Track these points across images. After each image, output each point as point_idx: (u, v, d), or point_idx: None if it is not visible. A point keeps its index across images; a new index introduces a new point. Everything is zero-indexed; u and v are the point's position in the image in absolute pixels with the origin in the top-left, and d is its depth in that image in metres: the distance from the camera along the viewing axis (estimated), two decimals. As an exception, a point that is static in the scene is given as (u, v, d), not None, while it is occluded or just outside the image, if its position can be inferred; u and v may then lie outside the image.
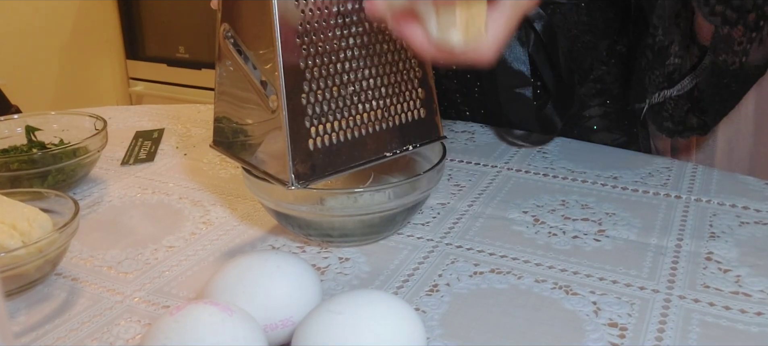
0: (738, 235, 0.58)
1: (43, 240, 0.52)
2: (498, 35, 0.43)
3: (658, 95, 0.70)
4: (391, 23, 0.45)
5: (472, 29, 0.42)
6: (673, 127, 0.70)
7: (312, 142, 0.52)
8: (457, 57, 0.43)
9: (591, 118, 0.79)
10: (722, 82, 0.66)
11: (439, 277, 0.54)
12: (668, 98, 0.69)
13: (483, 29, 0.42)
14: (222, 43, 0.55)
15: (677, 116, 0.70)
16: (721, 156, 0.76)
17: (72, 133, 0.76)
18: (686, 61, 0.68)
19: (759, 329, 0.47)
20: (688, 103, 0.69)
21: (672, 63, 0.69)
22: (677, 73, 0.69)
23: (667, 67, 0.69)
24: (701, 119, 0.70)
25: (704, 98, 0.68)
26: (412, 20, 0.43)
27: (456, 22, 0.41)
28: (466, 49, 0.42)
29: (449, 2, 0.41)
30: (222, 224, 0.64)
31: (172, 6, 2.37)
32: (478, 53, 0.43)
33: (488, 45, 0.43)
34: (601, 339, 0.46)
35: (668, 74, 0.69)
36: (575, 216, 0.63)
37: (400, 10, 0.44)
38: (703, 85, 0.67)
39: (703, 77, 0.67)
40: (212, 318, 0.40)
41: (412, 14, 0.43)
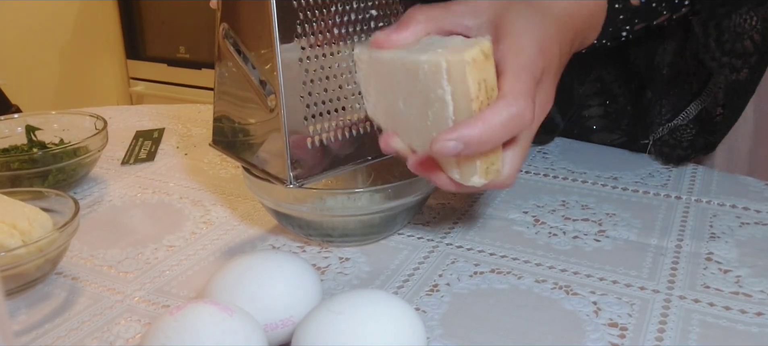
0: (738, 235, 0.58)
1: (43, 239, 0.52)
2: (514, 168, 0.47)
3: (662, 129, 0.70)
4: (410, 163, 0.48)
5: (491, 171, 0.45)
6: (681, 153, 0.71)
7: (310, 141, 0.52)
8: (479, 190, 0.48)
9: (591, 118, 0.79)
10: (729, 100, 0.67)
11: (439, 277, 0.54)
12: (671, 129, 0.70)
13: (501, 168, 0.46)
14: (221, 42, 0.55)
15: (685, 142, 0.70)
16: (721, 157, 0.76)
17: (72, 132, 0.76)
18: (692, 87, 0.69)
19: (759, 329, 0.47)
20: (697, 127, 0.69)
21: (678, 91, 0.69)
22: (683, 100, 0.69)
23: (672, 96, 0.69)
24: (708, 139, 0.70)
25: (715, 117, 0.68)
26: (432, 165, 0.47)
27: (477, 171, 0.45)
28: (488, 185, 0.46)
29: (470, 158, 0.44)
30: (222, 224, 0.64)
31: (172, 6, 2.38)
32: (499, 186, 0.47)
33: (507, 178, 0.47)
34: (601, 339, 0.46)
35: (674, 104, 0.70)
36: (575, 216, 0.63)
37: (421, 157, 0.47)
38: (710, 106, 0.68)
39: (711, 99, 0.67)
40: (212, 318, 0.40)
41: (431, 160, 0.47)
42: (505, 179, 0.46)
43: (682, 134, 0.70)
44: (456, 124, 0.43)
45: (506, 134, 0.43)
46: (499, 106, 0.42)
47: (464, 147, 0.42)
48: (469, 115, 0.42)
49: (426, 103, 0.44)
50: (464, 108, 0.42)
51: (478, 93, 0.42)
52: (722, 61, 0.64)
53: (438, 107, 0.44)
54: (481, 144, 0.42)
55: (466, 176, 0.45)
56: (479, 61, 0.42)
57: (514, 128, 0.43)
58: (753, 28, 0.63)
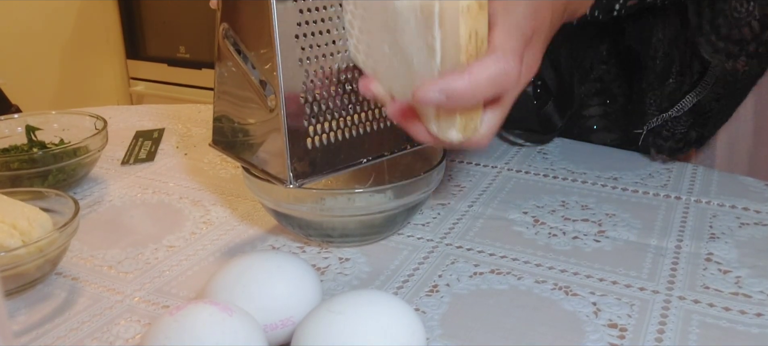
0: (738, 236, 0.58)
1: (43, 239, 0.52)
2: (492, 129, 0.46)
3: (656, 119, 0.70)
4: (389, 110, 0.47)
5: (469, 128, 0.44)
6: (674, 145, 0.71)
7: (310, 141, 0.52)
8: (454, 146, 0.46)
9: (591, 118, 0.79)
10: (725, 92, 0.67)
11: (439, 277, 0.54)
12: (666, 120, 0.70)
13: (478, 126, 0.45)
14: (221, 42, 0.55)
15: (678, 134, 0.70)
16: (721, 157, 0.76)
17: (72, 132, 0.76)
18: (687, 79, 0.69)
19: (759, 330, 0.47)
20: (691, 119, 0.69)
21: (672, 83, 0.69)
22: (678, 92, 0.69)
23: (667, 87, 0.69)
24: (700, 132, 0.70)
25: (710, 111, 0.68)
26: (411, 114, 0.46)
27: (456, 125, 0.44)
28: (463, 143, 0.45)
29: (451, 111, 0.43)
30: (222, 224, 0.64)
31: (172, 6, 2.37)
32: (473, 145, 0.46)
33: (482, 137, 0.46)
34: (601, 340, 0.46)
35: (668, 94, 0.70)
36: (575, 217, 0.63)
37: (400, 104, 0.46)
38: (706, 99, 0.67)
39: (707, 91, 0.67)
40: (212, 318, 0.40)
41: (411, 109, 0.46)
42: (480, 138, 0.45)
43: (676, 126, 0.70)
44: (442, 74, 0.41)
45: (491, 91, 0.42)
46: (488, 62, 0.41)
47: (447, 99, 0.41)
48: (456, 65, 0.41)
49: (413, 48, 0.43)
50: (452, 57, 0.41)
51: (468, 44, 0.41)
52: (717, 46, 0.63)
53: (425, 54, 0.42)
54: (465, 98, 0.41)
55: (443, 130, 0.44)
56: (473, 10, 0.40)
57: (499, 86, 0.42)
58: (750, 14, 0.62)
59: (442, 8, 0.40)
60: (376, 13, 0.46)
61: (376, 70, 0.48)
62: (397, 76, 0.46)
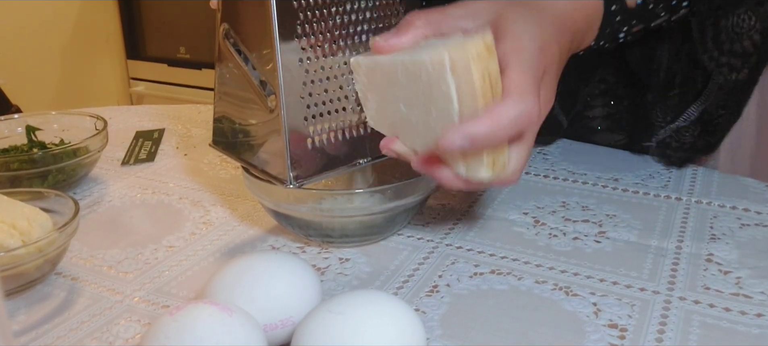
0: (738, 237, 0.58)
1: (43, 239, 0.52)
2: (520, 164, 0.46)
3: (664, 130, 0.70)
4: (415, 163, 0.48)
5: (497, 165, 0.45)
6: (683, 155, 0.71)
7: (310, 141, 0.52)
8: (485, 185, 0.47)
9: (594, 119, 0.79)
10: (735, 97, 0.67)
11: (439, 278, 0.54)
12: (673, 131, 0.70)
13: (507, 162, 0.46)
14: (222, 43, 0.55)
15: (686, 144, 0.70)
16: (724, 158, 0.76)
17: (72, 133, 0.76)
18: (690, 89, 0.69)
19: (759, 330, 0.47)
20: (698, 128, 0.69)
21: (676, 94, 0.69)
22: (682, 103, 0.69)
23: (671, 99, 0.69)
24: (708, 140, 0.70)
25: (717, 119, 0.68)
26: (437, 162, 0.47)
27: (484, 165, 0.44)
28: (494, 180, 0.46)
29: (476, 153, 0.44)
30: (222, 224, 0.64)
31: (172, 6, 2.38)
32: (504, 182, 0.47)
33: (512, 173, 0.46)
34: (602, 340, 0.46)
35: (673, 106, 0.70)
36: (576, 217, 0.63)
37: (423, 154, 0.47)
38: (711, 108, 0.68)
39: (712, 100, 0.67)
40: (212, 318, 0.40)
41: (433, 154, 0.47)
42: (510, 174, 0.46)
43: (684, 136, 0.70)
44: (463, 121, 0.43)
45: (514, 131, 0.43)
46: (507, 104, 0.42)
47: (471, 144, 0.42)
48: (474, 108, 0.42)
49: (429, 101, 0.44)
50: (469, 101, 0.42)
51: (483, 85, 0.42)
52: (721, 61, 0.64)
53: (442, 104, 0.43)
54: (489, 140, 0.42)
55: (473, 171, 0.45)
56: (482, 54, 0.42)
57: (521, 125, 0.43)
58: (752, 28, 0.62)
59: (452, 57, 0.41)
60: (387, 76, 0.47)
61: (395, 131, 0.49)
62: (417, 131, 0.47)
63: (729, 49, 0.63)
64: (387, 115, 0.50)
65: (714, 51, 0.64)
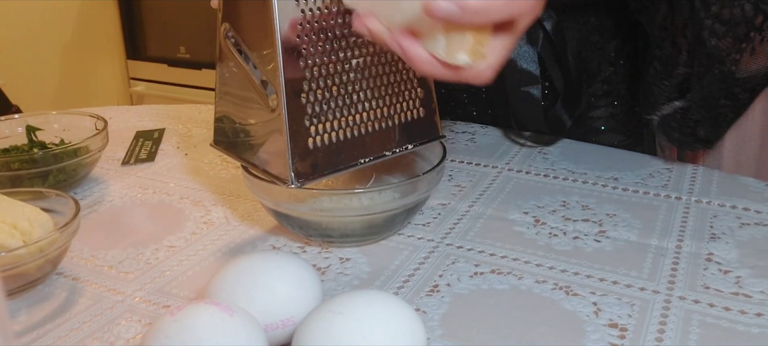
0: (738, 236, 0.58)
1: (43, 240, 0.52)
2: (498, 59, 0.45)
3: (667, 106, 0.70)
4: (389, 40, 0.45)
5: (477, 53, 0.43)
6: (682, 137, 0.70)
7: (312, 141, 0.52)
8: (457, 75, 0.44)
9: (598, 119, 0.79)
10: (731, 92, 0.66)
11: (439, 277, 0.54)
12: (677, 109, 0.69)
13: (485, 53, 0.44)
14: (223, 43, 0.55)
15: (687, 128, 0.70)
16: (728, 159, 0.76)
17: (73, 133, 0.76)
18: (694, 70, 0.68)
19: (759, 330, 0.47)
20: (701, 113, 0.69)
21: (681, 73, 0.69)
22: (686, 82, 0.69)
23: (675, 77, 0.69)
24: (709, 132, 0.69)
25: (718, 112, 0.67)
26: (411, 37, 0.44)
27: (466, 46, 0.42)
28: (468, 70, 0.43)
29: (462, 28, 0.42)
30: (223, 224, 0.64)
31: (172, 6, 2.37)
32: (478, 74, 0.44)
33: (489, 67, 0.44)
34: (602, 340, 0.46)
35: (677, 84, 0.69)
36: (576, 217, 0.63)
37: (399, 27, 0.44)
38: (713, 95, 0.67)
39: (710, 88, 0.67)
40: (213, 318, 0.40)
41: (411, 32, 0.44)
42: (485, 68, 0.44)
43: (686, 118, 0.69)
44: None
45: (506, 11, 0.41)
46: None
47: (461, 11, 0.40)
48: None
49: None
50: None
51: None
52: (705, 24, 0.63)
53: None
54: (480, 13, 0.40)
55: (452, 51, 0.43)
56: None
57: (515, 8, 0.41)
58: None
59: None
60: None
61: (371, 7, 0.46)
62: (398, 10, 0.44)
63: (717, 13, 0.62)
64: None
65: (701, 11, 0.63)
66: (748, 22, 0.62)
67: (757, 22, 0.62)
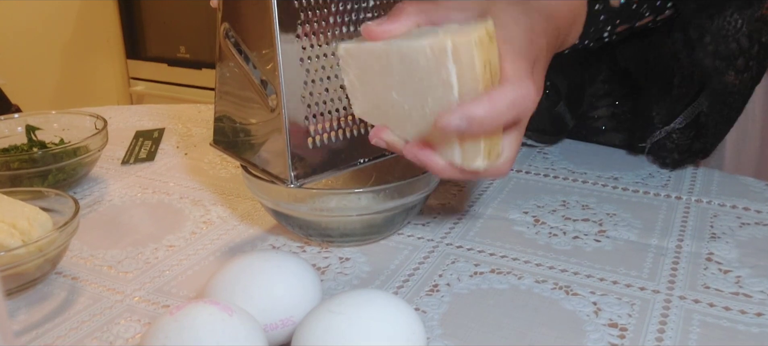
0: (738, 236, 0.58)
1: (43, 239, 0.52)
2: (513, 153, 0.46)
3: (659, 132, 0.70)
4: (406, 151, 0.47)
5: (493, 154, 0.45)
6: (679, 157, 0.71)
7: (311, 140, 0.52)
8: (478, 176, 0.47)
9: (599, 119, 0.79)
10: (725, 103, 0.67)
11: (439, 277, 0.54)
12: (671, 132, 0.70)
13: (500, 152, 0.45)
14: (222, 42, 0.55)
15: (683, 146, 0.70)
16: (729, 159, 0.76)
17: (72, 132, 0.76)
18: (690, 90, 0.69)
19: (759, 329, 0.47)
20: (694, 130, 0.69)
21: (675, 94, 0.69)
22: (680, 103, 0.69)
23: (671, 98, 0.69)
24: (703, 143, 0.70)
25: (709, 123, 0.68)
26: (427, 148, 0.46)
27: (481, 152, 0.44)
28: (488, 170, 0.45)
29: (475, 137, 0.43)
30: (222, 224, 0.64)
31: (172, 6, 2.37)
32: (497, 170, 0.46)
33: (505, 162, 0.46)
34: (602, 340, 0.46)
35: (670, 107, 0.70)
36: (576, 217, 0.63)
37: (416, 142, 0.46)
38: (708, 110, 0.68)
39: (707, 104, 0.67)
40: (212, 318, 0.40)
41: (426, 143, 0.46)
42: (502, 164, 0.46)
43: (680, 138, 0.70)
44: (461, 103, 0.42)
45: (512, 115, 0.43)
46: (506, 89, 0.42)
47: (468, 125, 0.41)
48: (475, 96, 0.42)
49: (426, 88, 0.43)
50: (470, 90, 0.42)
51: (484, 74, 0.41)
52: (704, 64, 0.64)
53: (440, 91, 0.42)
54: (487, 123, 0.42)
55: (469, 159, 0.44)
56: (485, 42, 0.41)
57: (519, 110, 0.43)
58: (739, 31, 0.62)
59: (455, 44, 0.41)
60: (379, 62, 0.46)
61: (385, 120, 0.48)
62: (410, 120, 0.46)
63: (714, 52, 0.63)
64: (377, 104, 0.48)
65: (699, 52, 0.64)
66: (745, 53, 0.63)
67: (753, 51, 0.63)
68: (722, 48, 0.63)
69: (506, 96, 0.42)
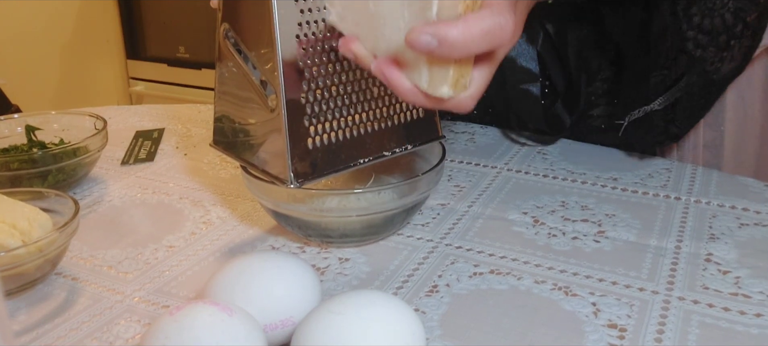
0: (737, 236, 0.58)
1: (43, 239, 0.52)
2: (480, 89, 0.45)
3: (639, 111, 0.70)
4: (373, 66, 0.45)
5: (459, 84, 0.43)
6: (652, 139, 0.70)
7: (311, 141, 0.52)
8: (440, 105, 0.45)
9: (598, 118, 0.79)
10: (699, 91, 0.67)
11: (438, 277, 0.54)
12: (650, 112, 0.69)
13: (467, 84, 0.44)
14: (222, 42, 0.55)
15: (659, 127, 0.70)
16: (728, 158, 0.76)
17: (72, 132, 0.76)
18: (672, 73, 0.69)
19: (758, 330, 0.47)
20: (671, 114, 0.69)
21: (658, 75, 0.69)
22: (661, 85, 0.69)
23: (653, 78, 0.69)
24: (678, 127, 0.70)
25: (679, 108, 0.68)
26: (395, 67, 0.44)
27: (449, 79, 0.43)
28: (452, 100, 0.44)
29: (445, 61, 0.42)
30: (222, 224, 0.64)
31: (172, 6, 2.37)
32: (459, 103, 0.45)
33: (470, 97, 0.45)
34: (601, 340, 0.46)
35: (653, 86, 0.70)
36: (575, 217, 0.63)
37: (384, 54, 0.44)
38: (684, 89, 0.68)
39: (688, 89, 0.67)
40: (212, 318, 0.40)
41: (396, 61, 0.44)
42: (468, 96, 0.44)
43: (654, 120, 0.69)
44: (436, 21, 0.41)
45: (486, 43, 0.41)
46: (483, 14, 0.41)
47: (439, 45, 0.40)
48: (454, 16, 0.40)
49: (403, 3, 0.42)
50: (450, 10, 0.40)
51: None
52: (687, 36, 0.63)
53: (418, 6, 0.41)
54: (458, 46, 0.40)
55: (435, 84, 0.43)
56: None
57: (494, 39, 0.42)
58: (725, 6, 0.61)
59: None
60: None
61: (357, 32, 0.46)
62: (383, 34, 0.44)
63: (698, 24, 0.62)
64: (350, 14, 0.46)
65: (683, 22, 0.63)
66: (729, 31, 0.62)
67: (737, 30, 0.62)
68: (707, 22, 0.62)
69: (483, 22, 0.40)
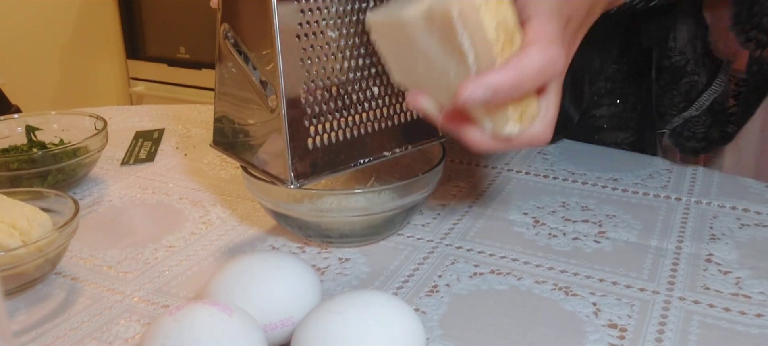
0: (738, 237, 0.58)
1: (42, 239, 0.52)
2: (550, 119, 0.44)
3: (678, 118, 0.70)
4: (440, 122, 0.45)
5: (526, 117, 0.43)
6: (697, 145, 0.70)
7: (311, 141, 0.52)
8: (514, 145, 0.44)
9: (601, 118, 0.79)
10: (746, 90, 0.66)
11: (438, 278, 0.54)
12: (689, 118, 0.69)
13: (535, 113, 0.43)
14: (222, 43, 0.55)
15: (700, 133, 0.70)
16: (729, 158, 0.76)
17: (72, 133, 0.76)
18: (702, 77, 0.69)
19: (759, 330, 0.47)
20: (710, 118, 0.69)
21: (689, 81, 0.69)
22: (694, 90, 0.69)
23: (683, 85, 0.69)
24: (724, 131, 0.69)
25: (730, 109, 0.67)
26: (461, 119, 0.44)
27: (508, 119, 0.42)
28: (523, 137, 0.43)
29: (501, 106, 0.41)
30: (222, 224, 0.64)
31: (172, 6, 2.37)
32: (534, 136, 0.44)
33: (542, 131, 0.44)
34: (601, 340, 0.46)
35: (685, 93, 0.69)
36: (575, 218, 0.63)
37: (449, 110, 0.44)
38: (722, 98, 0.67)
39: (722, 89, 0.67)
40: (212, 318, 0.40)
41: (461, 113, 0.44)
42: (539, 131, 0.44)
43: (696, 126, 0.69)
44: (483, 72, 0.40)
45: (538, 81, 0.41)
46: (530, 52, 0.40)
47: (493, 95, 0.39)
48: (491, 60, 0.40)
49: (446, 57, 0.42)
50: (485, 54, 0.40)
51: (498, 36, 0.40)
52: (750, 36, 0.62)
53: (457, 60, 0.41)
54: (511, 91, 0.40)
55: (499, 126, 0.43)
56: (491, 3, 0.39)
57: (546, 75, 0.41)
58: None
59: (461, 10, 0.39)
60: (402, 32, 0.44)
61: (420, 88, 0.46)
62: (440, 89, 0.44)
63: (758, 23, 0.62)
64: (409, 72, 0.46)
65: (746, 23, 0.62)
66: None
67: None
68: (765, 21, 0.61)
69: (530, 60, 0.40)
